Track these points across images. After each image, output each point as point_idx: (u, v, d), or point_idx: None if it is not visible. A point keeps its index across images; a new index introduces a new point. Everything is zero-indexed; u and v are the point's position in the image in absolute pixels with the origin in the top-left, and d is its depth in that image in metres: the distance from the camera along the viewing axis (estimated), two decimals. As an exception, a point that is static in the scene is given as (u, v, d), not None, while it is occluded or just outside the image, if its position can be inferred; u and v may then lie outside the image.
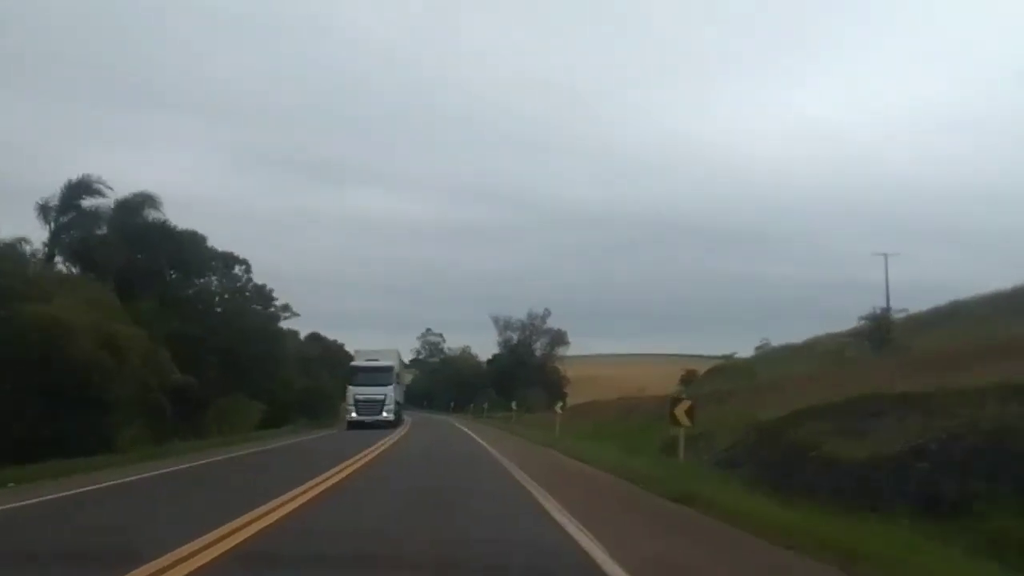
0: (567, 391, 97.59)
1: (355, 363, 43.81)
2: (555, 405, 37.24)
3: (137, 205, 30.69)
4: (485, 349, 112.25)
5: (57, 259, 28.85)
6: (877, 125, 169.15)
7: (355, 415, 39.40)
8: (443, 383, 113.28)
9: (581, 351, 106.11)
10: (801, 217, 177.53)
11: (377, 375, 40.04)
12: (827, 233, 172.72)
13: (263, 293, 42.28)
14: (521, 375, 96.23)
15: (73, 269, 28.06)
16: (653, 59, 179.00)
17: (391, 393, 40.46)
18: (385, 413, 39.49)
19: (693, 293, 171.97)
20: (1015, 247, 76.12)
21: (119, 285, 28.08)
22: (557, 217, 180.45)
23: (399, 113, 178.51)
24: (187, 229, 34.08)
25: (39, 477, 13.96)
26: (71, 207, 28.51)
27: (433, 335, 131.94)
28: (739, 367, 47.40)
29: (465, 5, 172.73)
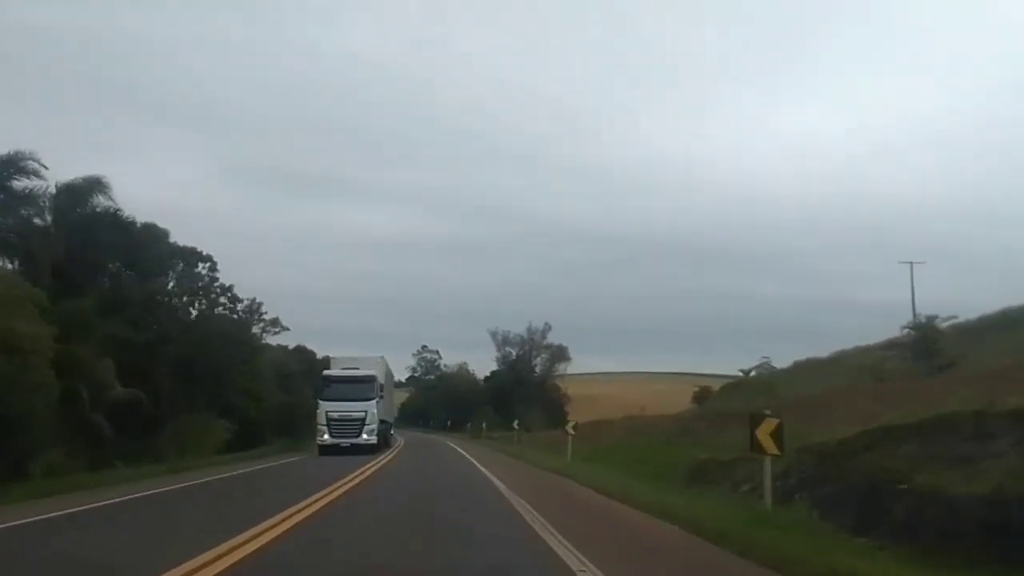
0: (567, 409, 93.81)
1: (327, 372, 35.89)
2: (565, 425, 31.83)
3: (83, 190, 26.48)
4: (483, 367, 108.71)
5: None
6: (872, 140, 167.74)
7: (327, 438, 31.87)
8: (439, 401, 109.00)
9: (577, 369, 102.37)
10: (797, 235, 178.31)
11: (355, 387, 32.46)
12: (824, 251, 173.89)
13: (231, 295, 36.18)
14: (520, 393, 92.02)
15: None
16: (648, 75, 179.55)
17: (373, 410, 32.56)
18: (365, 436, 32.01)
19: (689, 311, 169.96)
20: (1014, 264, 72.25)
21: (56, 281, 23.91)
22: (552, 234, 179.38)
23: (393, 128, 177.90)
24: (147, 222, 29.79)
25: None
26: (-3, 187, 24.13)
27: (429, 352, 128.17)
28: (759, 383, 43.19)
29: (460, 20, 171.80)
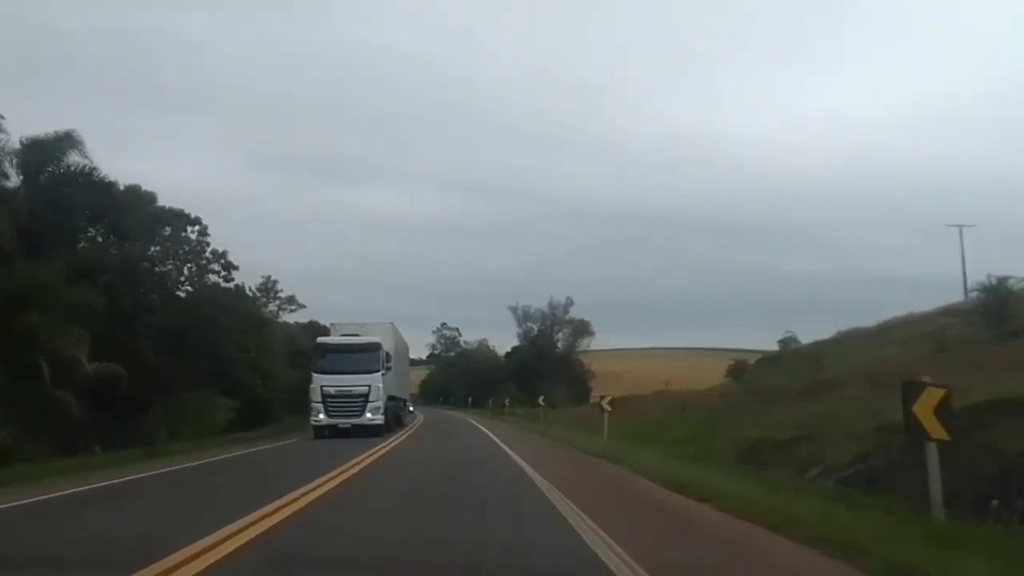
0: (590, 385, 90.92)
1: (323, 340, 30.35)
2: (600, 400, 26.94)
3: (51, 146, 23.49)
4: (504, 345, 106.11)
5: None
6: (890, 116, 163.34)
7: (323, 417, 26.88)
8: (459, 378, 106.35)
9: (598, 345, 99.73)
10: (817, 210, 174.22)
11: (357, 357, 27.31)
12: (844, 225, 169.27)
13: (225, 261, 32.06)
14: (543, 369, 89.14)
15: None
16: (665, 53, 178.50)
17: (379, 384, 27.43)
18: (369, 415, 27.00)
19: (708, 287, 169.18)
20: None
21: (21, 243, 21.13)
22: (571, 213, 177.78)
23: (411, 111, 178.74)
24: (131, 184, 26.70)
25: None
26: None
27: (449, 329, 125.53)
28: (801, 356, 39.69)
29: (479, 4, 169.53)
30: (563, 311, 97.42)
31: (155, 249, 26.43)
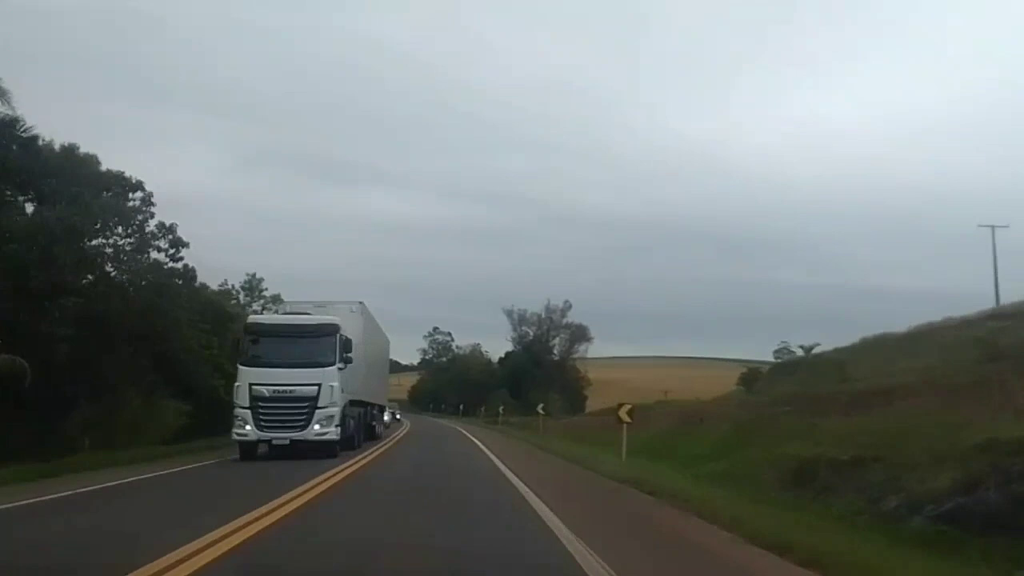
0: (586, 394, 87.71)
1: (254, 319, 23.37)
2: (619, 409, 19.79)
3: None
4: (497, 350, 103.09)
5: None
6: (889, 128, 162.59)
7: (250, 429, 19.34)
8: (451, 384, 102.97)
9: (593, 353, 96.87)
10: (818, 222, 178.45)
11: (302, 344, 19.96)
12: (839, 238, 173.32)
13: (173, 237, 24.58)
14: (537, 375, 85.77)
15: None
16: (667, 64, 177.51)
17: (332, 382, 19.78)
18: (318, 426, 19.42)
19: (703, 297, 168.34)
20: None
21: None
22: (569, 220, 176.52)
23: (413, 114, 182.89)
24: (69, 144, 22.29)
25: None
26: None
27: (441, 334, 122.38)
28: (822, 364, 36.47)
29: (481, 8, 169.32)
30: (560, 315, 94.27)
31: (80, 218, 21.02)
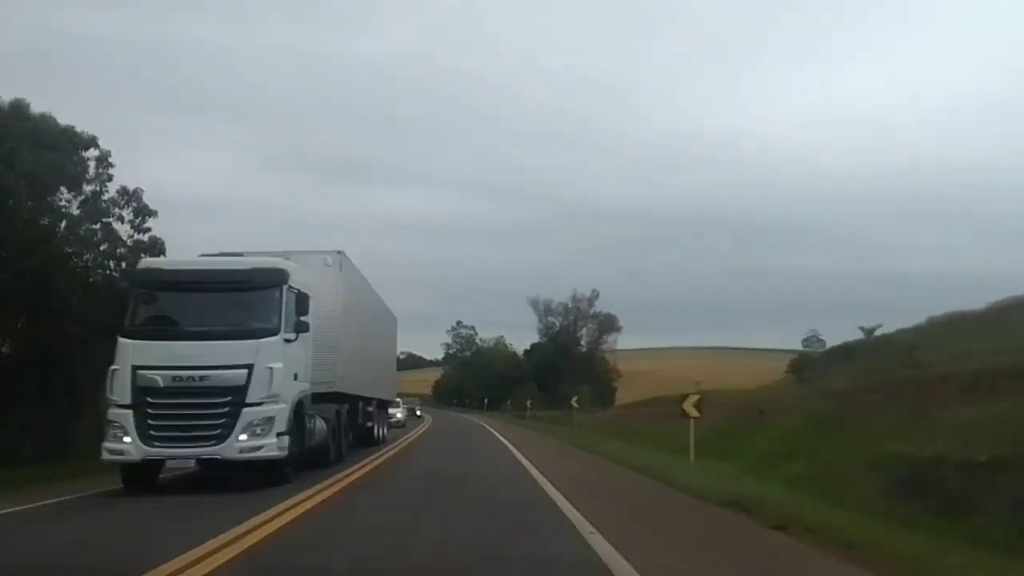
0: (615, 386, 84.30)
1: (149, 262, 13.96)
2: (684, 401, 16.15)
3: None
4: (522, 343, 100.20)
5: None
6: (914, 111, 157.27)
7: (128, 443, 11.31)
8: (475, 378, 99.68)
9: (621, 344, 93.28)
10: (837, 208, 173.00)
11: (222, 304, 12.19)
12: (865, 223, 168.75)
13: (138, 205, 18.29)
14: (565, 367, 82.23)
15: None
16: (684, 49, 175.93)
17: (270, 363, 11.70)
18: (245, 436, 11.49)
19: (728, 286, 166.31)
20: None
21: None
22: (588, 212, 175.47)
23: (427, 112, 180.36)
24: (16, 99, 17.94)
25: None
26: None
27: (464, 327, 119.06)
28: (886, 346, 32.83)
29: (497, 3, 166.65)
30: (587, 305, 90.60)
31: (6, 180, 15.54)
